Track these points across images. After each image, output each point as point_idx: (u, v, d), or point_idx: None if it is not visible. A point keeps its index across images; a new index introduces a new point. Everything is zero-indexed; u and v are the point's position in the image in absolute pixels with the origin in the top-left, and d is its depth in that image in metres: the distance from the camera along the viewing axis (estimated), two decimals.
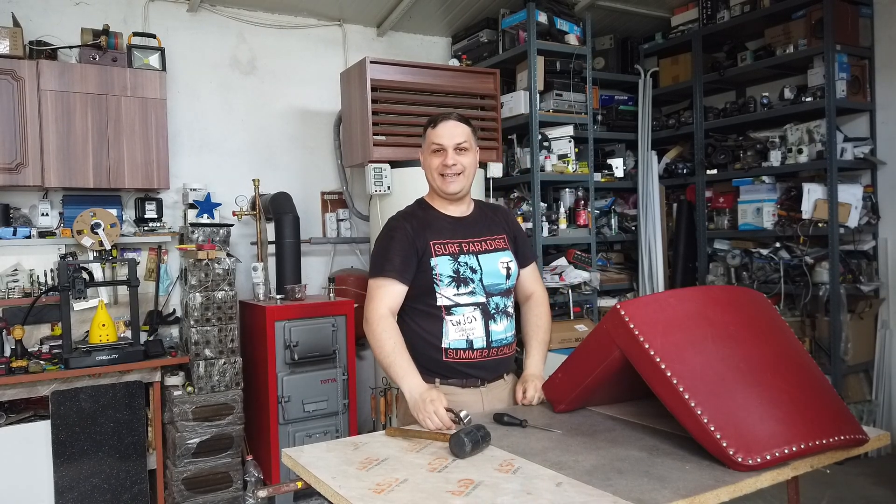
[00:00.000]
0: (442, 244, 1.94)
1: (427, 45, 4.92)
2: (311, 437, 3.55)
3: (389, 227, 1.99)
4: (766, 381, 1.45)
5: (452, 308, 1.91)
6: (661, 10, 4.82)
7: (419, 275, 1.92)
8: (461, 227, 2.00)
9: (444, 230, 1.97)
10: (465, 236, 1.98)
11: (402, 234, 1.93)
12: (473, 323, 1.92)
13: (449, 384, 1.93)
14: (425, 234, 1.93)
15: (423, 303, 1.94)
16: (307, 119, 4.45)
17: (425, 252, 1.91)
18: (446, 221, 2.00)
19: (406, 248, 1.91)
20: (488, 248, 1.99)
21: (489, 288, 1.95)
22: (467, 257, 1.94)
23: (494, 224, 2.06)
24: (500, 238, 2.03)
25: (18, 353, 3.18)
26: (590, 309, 4.35)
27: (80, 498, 3.16)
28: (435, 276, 1.90)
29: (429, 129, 1.99)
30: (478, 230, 2.01)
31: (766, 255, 4.17)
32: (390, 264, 1.90)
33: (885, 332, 4.04)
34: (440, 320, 1.91)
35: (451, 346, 1.92)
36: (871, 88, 4.07)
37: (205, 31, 4.14)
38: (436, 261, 1.91)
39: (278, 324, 3.50)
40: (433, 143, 1.97)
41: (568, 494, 1.28)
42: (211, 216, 3.81)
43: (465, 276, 1.92)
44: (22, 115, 3.28)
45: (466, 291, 1.92)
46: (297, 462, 1.53)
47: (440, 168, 1.95)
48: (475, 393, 1.95)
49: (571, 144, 4.27)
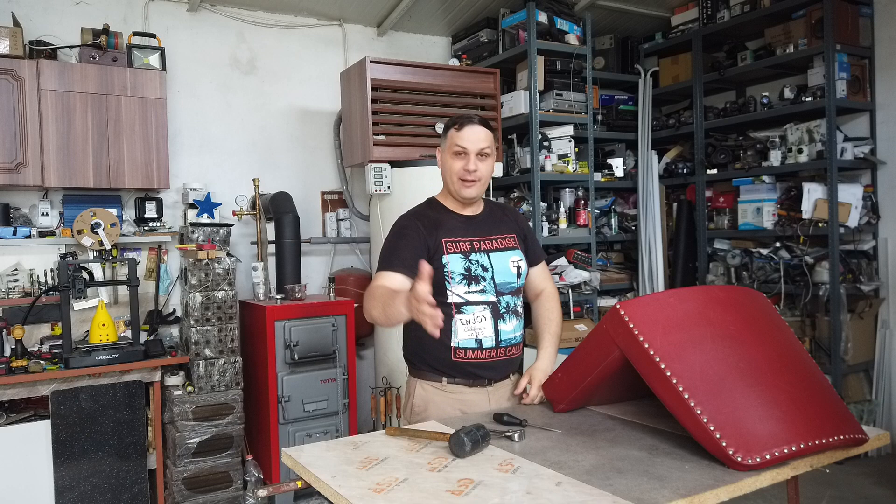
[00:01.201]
0: (454, 242, 1.94)
1: (427, 45, 4.92)
2: (311, 436, 3.55)
3: (400, 225, 1.98)
4: (766, 381, 1.45)
5: (463, 306, 1.91)
6: (661, 9, 4.82)
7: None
8: (472, 226, 2.00)
9: (455, 228, 1.97)
10: (476, 234, 1.98)
11: (414, 231, 1.93)
12: (483, 322, 1.91)
13: (456, 383, 1.94)
14: (437, 232, 1.93)
15: (435, 300, 1.92)
16: (307, 119, 4.45)
17: (437, 249, 1.91)
18: (457, 220, 2.00)
19: (416, 245, 1.90)
20: (499, 246, 1.99)
21: (500, 287, 1.95)
22: (479, 255, 1.94)
23: (504, 223, 2.06)
24: (510, 237, 2.03)
25: (18, 352, 3.18)
26: (590, 309, 4.35)
27: (80, 498, 3.16)
28: (447, 274, 1.90)
29: (452, 130, 1.97)
30: (488, 228, 2.01)
31: (766, 255, 4.17)
32: (399, 259, 1.88)
33: (885, 331, 4.04)
34: (449, 318, 1.90)
35: (461, 346, 1.91)
36: (871, 88, 4.07)
37: (205, 31, 4.14)
38: (447, 258, 1.91)
39: (278, 323, 3.50)
40: (457, 145, 1.94)
41: (568, 494, 1.28)
42: (211, 216, 3.81)
43: (476, 273, 1.92)
44: (22, 115, 3.28)
45: (478, 289, 1.92)
46: (297, 462, 1.53)
47: (461, 173, 1.94)
48: (482, 392, 1.96)
49: (571, 144, 4.27)
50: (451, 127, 1.98)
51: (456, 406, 1.93)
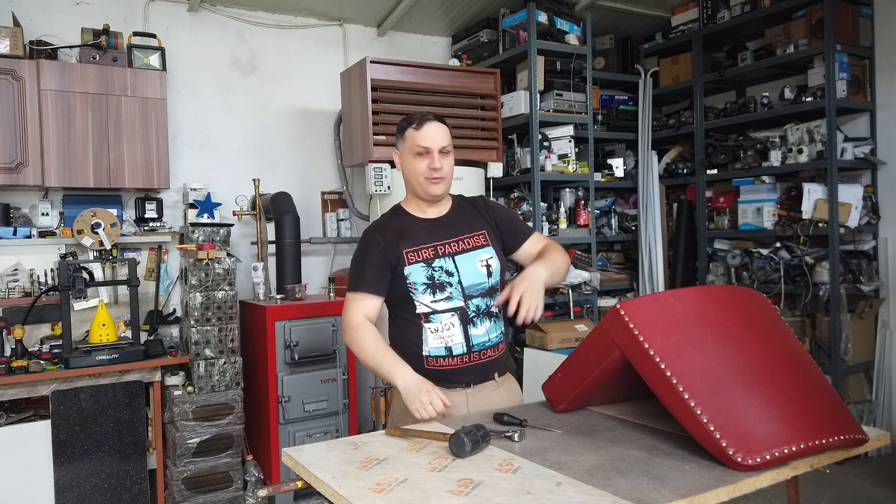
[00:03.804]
0: (415, 251, 1.91)
1: (427, 45, 4.92)
2: (311, 436, 3.55)
3: (364, 242, 1.97)
4: (766, 381, 1.45)
5: (430, 315, 1.89)
6: (661, 9, 4.82)
7: (395, 285, 1.90)
8: (437, 230, 1.96)
9: (418, 236, 1.93)
10: (440, 238, 1.94)
11: (375, 248, 1.91)
12: (451, 329, 1.89)
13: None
14: (398, 244, 1.91)
15: (404, 311, 1.93)
16: (307, 119, 4.45)
17: (399, 262, 1.90)
18: (421, 226, 1.96)
19: (379, 262, 1.90)
20: (465, 247, 1.94)
21: (469, 290, 1.91)
22: (442, 260, 1.91)
23: (473, 220, 2.00)
24: (480, 234, 1.97)
25: (18, 352, 3.18)
26: (590, 309, 4.35)
27: (80, 498, 3.16)
28: (409, 285, 1.89)
29: (410, 130, 1.91)
30: (454, 229, 1.96)
31: (766, 255, 4.17)
32: (363, 280, 1.90)
33: (885, 332, 4.04)
34: (419, 328, 1.90)
35: (431, 354, 1.90)
36: (871, 88, 4.07)
37: (205, 31, 4.14)
38: (409, 269, 1.89)
39: (278, 324, 3.50)
40: (418, 145, 1.89)
41: (568, 494, 1.28)
42: (211, 216, 3.81)
43: (440, 280, 1.89)
44: (22, 115, 3.28)
45: (443, 297, 1.89)
46: (297, 462, 1.53)
47: (427, 172, 1.90)
48: (461, 394, 1.93)
49: (571, 144, 4.27)
50: (407, 127, 1.93)
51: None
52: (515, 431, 1.60)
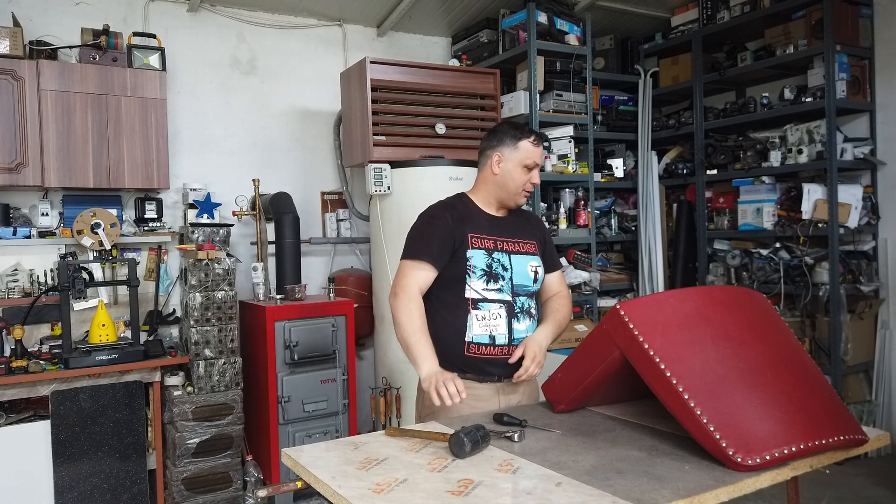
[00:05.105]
0: (479, 238, 1.98)
1: (427, 45, 4.92)
2: (310, 437, 3.55)
3: (430, 215, 2.02)
4: (766, 382, 1.45)
5: (479, 302, 1.95)
6: (661, 10, 4.82)
7: (452, 264, 1.95)
8: (497, 226, 2.05)
9: (481, 225, 2.02)
10: (500, 234, 2.03)
11: (443, 223, 1.97)
12: (498, 319, 1.96)
13: (467, 378, 1.95)
14: (464, 226, 1.98)
15: (451, 293, 1.97)
16: (307, 119, 4.46)
17: (462, 243, 1.96)
18: (484, 218, 2.05)
19: (444, 237, 1.95)
20: (520, 249, 2.04)
21: (517, 288, 1.99)
22: (500, 255, 1.99)
23: (527, 228, 2.12)
24: (532, 242, 2.08)
25: (18, 352, 3.17)
26: (590, 309, 4.35)
27: (80, 498, 3.16)
28: (469, 268, 1.94)
29: (527, 143, 2.01)
30: (512, 231, 2.06)
31: (766, 256, 4.17)
32: (427, 249, 1.94)
33: (885, 332, 4.04)
34: (465, 313, 1.95)
35: (474, 340, 1.95)
36: (871, 88, 4.07)
37: (205, 31, 4.14)
38: (472, 252, 1.95)
39: (278, 324, 3.50)
40: (532, 160, 2.00)
41: (567, 494, 1.28)
42: (211, 216, 3.81)
43: (496, 272, 1.97)
44: (22, 115, 3.28)
45: (495, 288, 1.96)
46: (297, 462, 1.53)
47: (528, 185, 2.01)
48: (492, 388, 1.99)
49: (571, 144, 4.27)
50: (524, 138, 2.01)
51: (467, 401, 1.92)
52: (515, 432, 1.61)
